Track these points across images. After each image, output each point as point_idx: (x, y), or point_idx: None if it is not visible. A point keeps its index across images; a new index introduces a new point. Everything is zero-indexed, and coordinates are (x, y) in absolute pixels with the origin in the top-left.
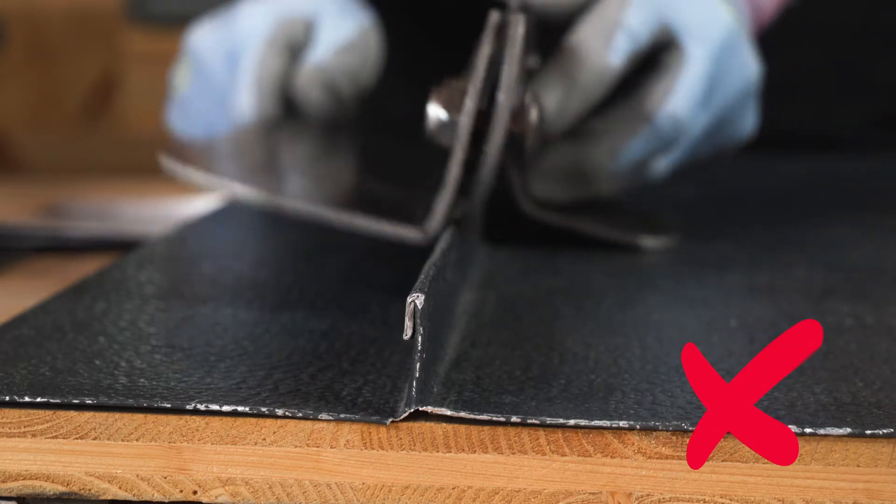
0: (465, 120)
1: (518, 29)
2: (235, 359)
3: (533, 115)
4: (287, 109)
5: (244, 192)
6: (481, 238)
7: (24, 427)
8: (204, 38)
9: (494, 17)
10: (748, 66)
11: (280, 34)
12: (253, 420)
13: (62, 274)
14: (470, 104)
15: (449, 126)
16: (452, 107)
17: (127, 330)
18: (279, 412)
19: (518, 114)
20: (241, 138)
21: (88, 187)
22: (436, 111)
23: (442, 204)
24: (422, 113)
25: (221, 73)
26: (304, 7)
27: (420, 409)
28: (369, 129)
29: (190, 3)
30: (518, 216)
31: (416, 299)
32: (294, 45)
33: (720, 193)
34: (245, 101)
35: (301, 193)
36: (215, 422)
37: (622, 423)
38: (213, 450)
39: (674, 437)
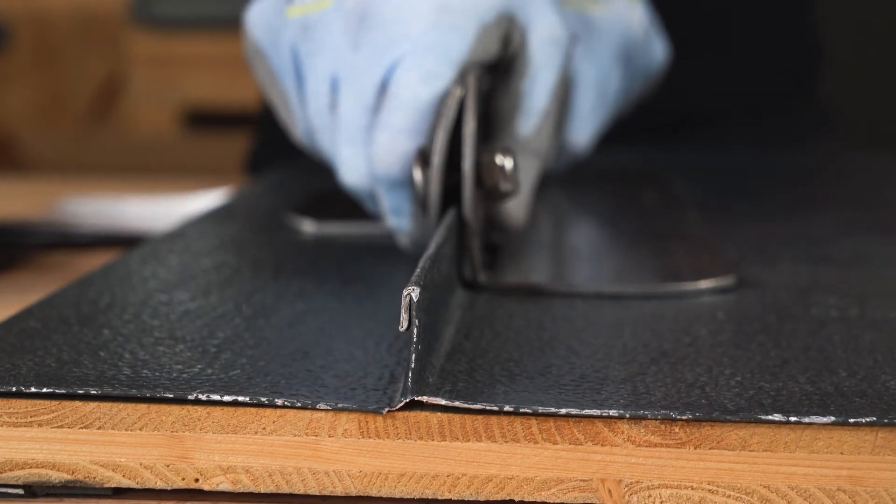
0: (433, 174)
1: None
2: (236, 350)
3: (504, 163)
4: None
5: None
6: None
7: (31, 417)
8: None
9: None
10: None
11: None
12: (253, 410)
13: (68, 269)
14: (436, 159)
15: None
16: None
17: (131, 322)
18: (279, 402)
19: (488, 166)
20: None
21: (94, 186)
22: (415, 172)
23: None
24: None
25: None
26: None
27: (416, 398)
28: None
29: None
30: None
31: (412, 292)
32: None
33: (705, 190)
34: None
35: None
36: (216, 411)
37: (612, 412)
38: (214, 439)
39: (662, 426)
